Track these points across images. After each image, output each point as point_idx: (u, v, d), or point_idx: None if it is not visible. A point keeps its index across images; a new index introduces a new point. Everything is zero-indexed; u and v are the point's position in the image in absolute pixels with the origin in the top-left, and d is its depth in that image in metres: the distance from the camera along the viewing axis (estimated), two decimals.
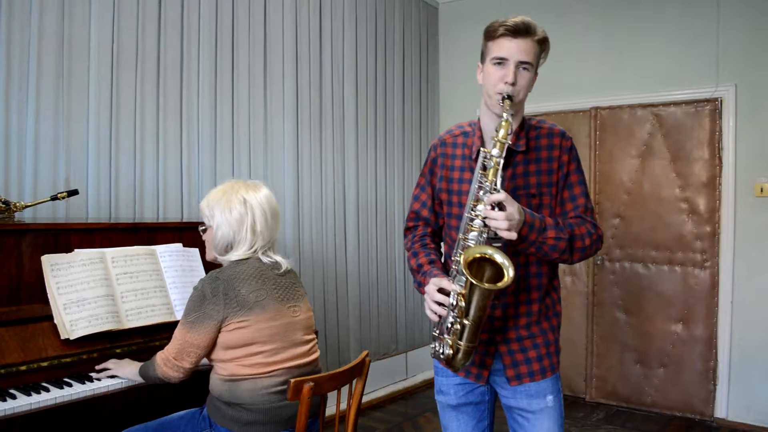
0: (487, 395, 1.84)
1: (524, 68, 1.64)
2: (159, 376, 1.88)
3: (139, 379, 1.97)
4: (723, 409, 3.99)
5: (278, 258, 2.00)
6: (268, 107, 3.61)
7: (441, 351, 1.61)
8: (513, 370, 1.74)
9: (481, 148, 1.63)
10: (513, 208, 1.53)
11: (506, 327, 1.75)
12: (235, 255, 1.94)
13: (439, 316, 1.61)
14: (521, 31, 1.62)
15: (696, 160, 4.09)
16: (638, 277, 4.29)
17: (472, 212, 1.58)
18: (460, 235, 1.61)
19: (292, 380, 1.75)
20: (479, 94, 1.75)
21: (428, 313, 1.64)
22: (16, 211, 2.18)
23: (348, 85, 4.21)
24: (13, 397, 1.80)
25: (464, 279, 1.52)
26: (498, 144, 1.57)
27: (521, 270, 1.73)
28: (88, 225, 2.33)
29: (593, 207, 1.79)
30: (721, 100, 3.98)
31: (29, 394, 1.82)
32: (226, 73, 3.37)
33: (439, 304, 1.60)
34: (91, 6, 2.75)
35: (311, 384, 1.75)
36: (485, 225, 1.55)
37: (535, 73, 1.71)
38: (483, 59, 1.72)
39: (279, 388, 1.86)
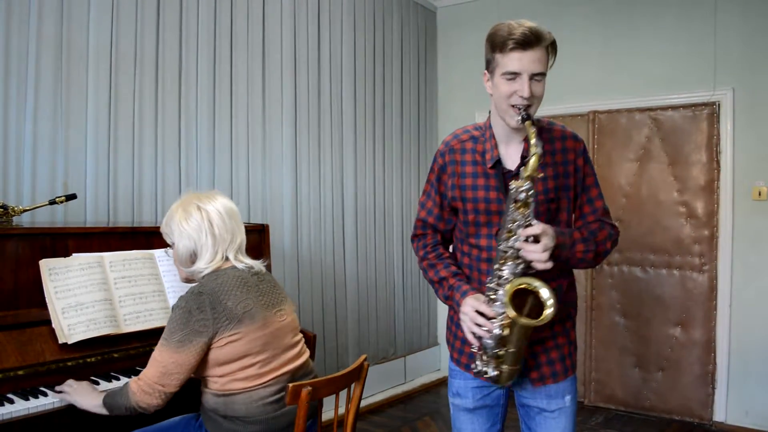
0: (502, 399, 1.85)
1: (537, 79, 1.60)
2: (133, 405, 1.74)
3: (101, 411, 1.78)
4: (721, 413, 3.99)
5: (250, 261, 1.96)
6: (266, 111, 3.61)
7: (485, 371, 1.65)
8: (537, 372, 1.76)
9: (513, 182, 1.59)
10: (548, 238, 1.55)
11: None
12: (202, 263, 1.87)
13: (479, 338, 1.63)
14: (531, 41, 1.56)
15: (694, 164, 4.09)
16: (636, 281, 4.29)
17: (506, 244, 1.59)
18: (495, 266, 1.62)
19: (291, 385, 1.75)
20: (477, 98, 1.75)
21: (468, 336, 1.66)
22: (14, 216, 2.17)
23: (346, 89, 4.22)
24: (11, 401, 1.79)
25: (503, 311, 1.56)
26: (529, 178, 1.55)
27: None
28: (87, 229, 2.32)
29: (608, 206, 1.82)
30: (718, 104, 3.99)
31: (27, 399, 1.82)
32: (225, 78, 3.38)
33: (479, 326, 1.62)
34: (90, 10, 2.76)
35: (309, 389, 1.74)
36: (518, 257, 1.58)
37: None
38: (490, 68, 1.65)
39: (275, 397, 1.84)
